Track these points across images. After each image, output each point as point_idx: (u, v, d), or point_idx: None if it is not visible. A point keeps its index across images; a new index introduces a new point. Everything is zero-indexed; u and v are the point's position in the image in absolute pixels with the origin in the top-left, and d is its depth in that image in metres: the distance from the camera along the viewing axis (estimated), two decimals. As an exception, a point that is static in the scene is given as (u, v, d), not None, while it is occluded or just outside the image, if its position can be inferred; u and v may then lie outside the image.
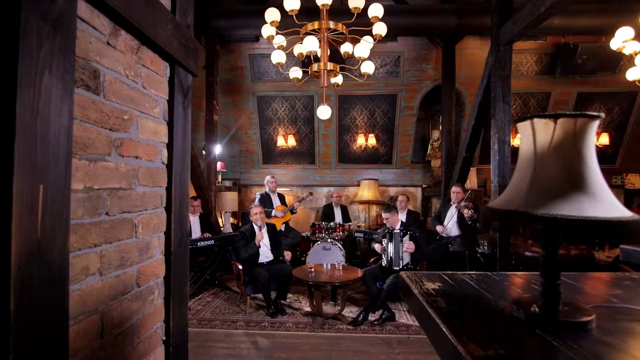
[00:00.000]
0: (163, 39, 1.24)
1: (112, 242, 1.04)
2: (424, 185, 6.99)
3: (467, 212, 4.18)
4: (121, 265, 1.08)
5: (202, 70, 5.71)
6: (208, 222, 5.31)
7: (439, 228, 4.61)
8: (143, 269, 1.19)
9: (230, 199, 6.22)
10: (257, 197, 5.37)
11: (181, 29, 1.38)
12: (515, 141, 5.80)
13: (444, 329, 0.74)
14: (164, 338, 1.33)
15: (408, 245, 3.78)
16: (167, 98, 1.35)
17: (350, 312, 3.97)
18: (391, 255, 3.90)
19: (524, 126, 0.81)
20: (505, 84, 3.64)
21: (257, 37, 5.57)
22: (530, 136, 0.81)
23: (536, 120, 0.78)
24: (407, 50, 5.92)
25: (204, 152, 5.86)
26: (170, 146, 1.35)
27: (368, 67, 3.56)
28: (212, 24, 5.20)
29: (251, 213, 4.12)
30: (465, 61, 5.92)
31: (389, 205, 4.22)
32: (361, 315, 3.68)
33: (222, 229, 6.17)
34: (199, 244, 4.63)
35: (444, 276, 1.33)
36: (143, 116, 1.20)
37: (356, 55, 3.39)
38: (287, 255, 4.26)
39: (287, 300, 4.33)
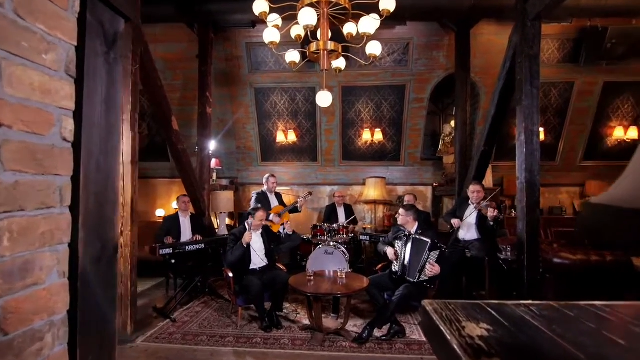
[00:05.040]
0: (58, -54, 0.80)
1: None
2: (434, 184, 6.48)
3: (491, 212, 3.63)
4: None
5: (195, 60, 5.30)
6: (200, 224, 4.89)
7: (454, 221, 4.06)
8: (15, 305, 0.75)
9: (225, 199, 5.79)
10: (254, 196, 4.91)
11: (100, -56, 0.94)
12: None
13: None
14: (67, 404, 0.88)
15: (433, 269, 3.20)
16: (76, 44, 0.91)
17: (355, 325, 3.51)
18: (406, 263, 3.39)
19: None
20: (533, 65, 3.14)
21: (254, 23, 5.13)
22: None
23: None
24: (417, 37, 5.43)
25: (197, 148, 5.44)
26: (78, 115, 0.91)
27: (374, 48, 3.07)
28: (203, 8, 4.78)
29: (256, 217, 3.64)
30: (481, 49, 5.42)
31: (412, 205, 3.67)
32: (366, 331, 3.21)
33: (217, 230, 5.76)
34: (187, 247, 4.20)
35: (489, 310, 0.91)
36: (17, 61, 0.75)
37: (361, 31, 2.92)
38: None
39: (284, 310, 3.88)
